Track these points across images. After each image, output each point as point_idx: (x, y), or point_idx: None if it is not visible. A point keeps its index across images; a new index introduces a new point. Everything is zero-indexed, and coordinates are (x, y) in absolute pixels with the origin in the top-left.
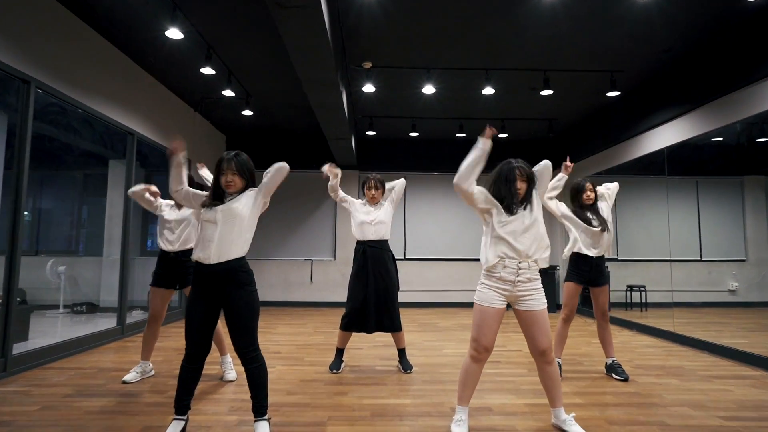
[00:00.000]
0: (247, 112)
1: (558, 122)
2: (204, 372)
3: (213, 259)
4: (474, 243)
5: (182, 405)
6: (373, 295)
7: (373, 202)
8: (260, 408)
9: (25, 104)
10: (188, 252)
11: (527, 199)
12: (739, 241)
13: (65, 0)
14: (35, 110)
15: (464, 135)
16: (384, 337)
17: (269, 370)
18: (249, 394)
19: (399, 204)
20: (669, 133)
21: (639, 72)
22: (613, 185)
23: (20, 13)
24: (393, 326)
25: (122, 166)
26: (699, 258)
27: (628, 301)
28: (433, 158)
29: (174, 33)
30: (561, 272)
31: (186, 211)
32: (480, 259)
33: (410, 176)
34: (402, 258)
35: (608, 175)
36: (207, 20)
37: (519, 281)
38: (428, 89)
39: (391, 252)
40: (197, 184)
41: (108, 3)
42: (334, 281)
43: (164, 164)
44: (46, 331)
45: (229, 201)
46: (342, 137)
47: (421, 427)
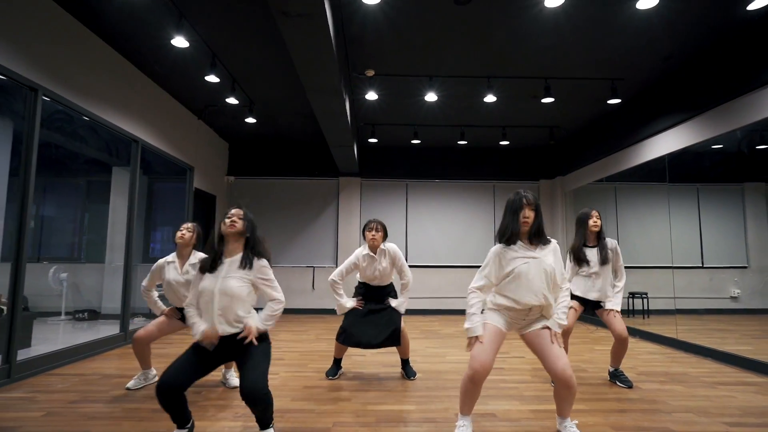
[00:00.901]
0: (251, 120)
1: (559, 129)
2: (209, 377)
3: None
4: (475, 250)
5: (180, 420)
6: (378, 316)
7: (374, 244)
8: (265, 420)
9: (32, 112)
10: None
11: (539, 235)
12: (741, 248)
13: (73, 9)
14: (26, 114)
15: (465, 143)
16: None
17: (272, 377)
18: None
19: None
20: (670, 141)
21: (640, 80)
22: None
23: (28, 21)
24: (393, 342)
25: (125, 173)
26: (701, 265)
27: (631, 308)
28: (435, 165)
29: (179, 41)
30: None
31: (188, 276)
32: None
33: (411, 183)
34: None
35: (609, 182)
36: (212, 29)
37: (528, 319)
38: (430, 97)
39: (395, 291)
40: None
41: (115, 12)
42: None
43: (168, 172)
44: (49, 338)
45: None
46: (344, 144)
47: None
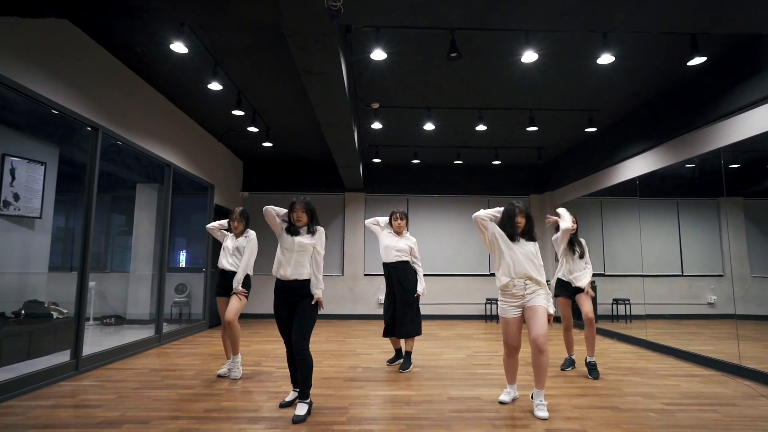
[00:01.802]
0: (267, 144)
1: (546, 149)
2: (242, 371)
3: (290, 277)
4: (471, 260)
5: (294, 380)
6: (400, 309)
7: (399, 230)
8: (302, 393)
9: (94, 147)
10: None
11: (528, 233)
12: (717, 258)
13: (127, 59)
14: (82, 142)
15: (461, 162)
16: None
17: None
18: (283, 388)
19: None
20: (639, 165)
21: (612, 111)
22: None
23: (90, 71)
24: (407, 334)
25: (149, 189)
26: (680, 273)
27: (614, 314)
28: (434, 182)
29: (214, 86)
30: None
31: (239, 242)
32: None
33: (412, 198)
34: None
35: (594, 197)
36: (240, 72)
37: (527, 294)
38: (428, 126)
39: (412, 269)
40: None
41: (162, 63)
42: (342, 295)
43: (191, 189)
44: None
45: (300, 237)
46: (351, 165)
47: (423, 409)
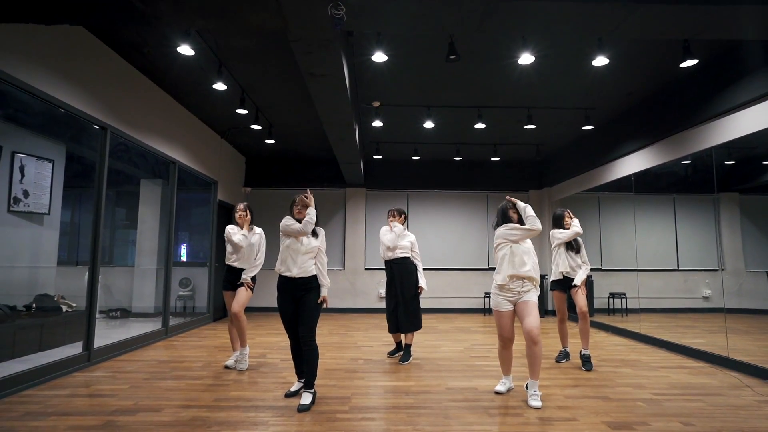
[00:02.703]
0: (270, 141)
1: (544, 146)
2: (250, 362)
3: (296, 275)
4: (470, 254)
5: (299, 371)
6: (402, 304)
7: (393, 222)
8: (307, 383)
9: (103, 146)
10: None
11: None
12: (712, 252)
13: (133, 60)
14: (88, 140)
15: (461, 158)
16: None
17: None
18: (288, 379)
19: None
20: (635, 162)
21: (609, 110)
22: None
23: (98, 71)
24: (408, 328)
25: (153, 185)
26: (676, 267)
27: (611, 307)
28: (433, 178)
29: (219, 86)
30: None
31: (252, 240)
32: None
33: (412, 194)
34: None
35: (592, 192)
36: (244, 73)
37: (522, 291)
38: (428, 124)
39: (413, 264)
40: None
41: (168, 64)
42: (344, 289)
43: (194, 185)
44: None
45: (308, 239)
46: (352, 161)
47: (422, 399)
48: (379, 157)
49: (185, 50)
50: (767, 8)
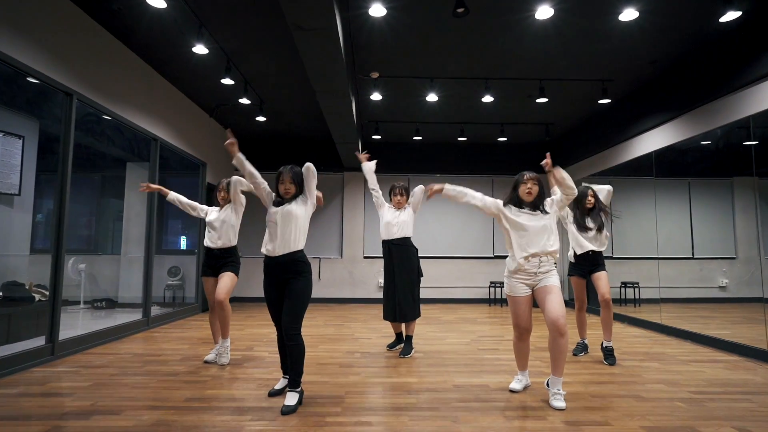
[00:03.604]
0: (261, 118)
1: (554, 126)
2: (232, 356)
3: (278, 252)
4: (475, 242)
5: (284, 367)
6: (400, 290)
7: (399, 207)
8: (292, 382)
9: (68, 114)
10: (229, 248)
11: (538, 203)
12: (729, 240)
13: (105, 21)
14: (63, 117)
15: (465, 139)
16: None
17: None
18: (273, 375)
19: (419, 207)
20: (656, 138)
21: (628, 81)
22: (605, 188)
23: (64, 33)
24: (406, 318)
25: (139, 169)
26: (691, 256)
27: (623, 297)
28: (436, 161)
29: (199, 49)
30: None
31: (226, 213)
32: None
33: (413, 178)
34: None
35: (602, 176)
36: (228, 36)
37: (540, 272)
38: (431, 97)
39: (415, 247)
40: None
41: (143, 23)
42: (342, 278)
43: (181, 167)
44: (72, 324)
45: (286, 204)
46: (349, 141)
47: (426, 399)
48: (379, 138)
49: (155, 1)
50: None
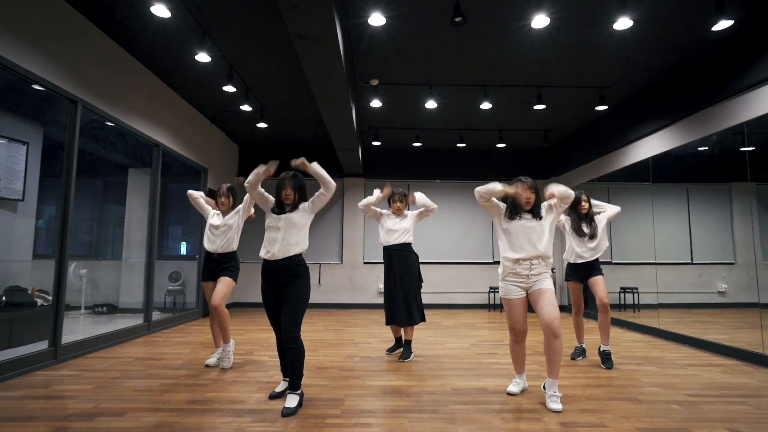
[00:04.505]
0: (262, 125)
1: (553, 132)
2: (235, 359)
3: (278, 256)
4: (474, 247)
5: (284, 369)
6: (400, 294)
7: (398, 213)
8: (292, 384)
9: (73, 121)
10: (229, 253)
11: (535, 210)
12: (728, 245)
13: (109, 30)
14: (65, 121)
15: (464, 145)
16: (391, 333)
17: None
18: (276, 378)
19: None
20: (653, 144)
21: (625, 88)
22: (615, 209)
23: (69, 41)
24: (411, 322)
25: (141, 175)
26: (690, 261)
27: (622, 302)
28: (435, 167)
29: (202, 57)
30: (557, 274)
31: (230, 219)
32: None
33: (413, 184)
34: None
35: (602, 182)
36: (230, 44)
37: (532, 275)
38: (430, 104)
39: (415, 253)
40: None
41: (147, 32)
42: (342, 284)
43: (182, 173)
44: (73, 329)
45: (289, 212)
46: (350, 148)
47: (425, 402)
48: (378, 144)
49: (160, 11)
50: None
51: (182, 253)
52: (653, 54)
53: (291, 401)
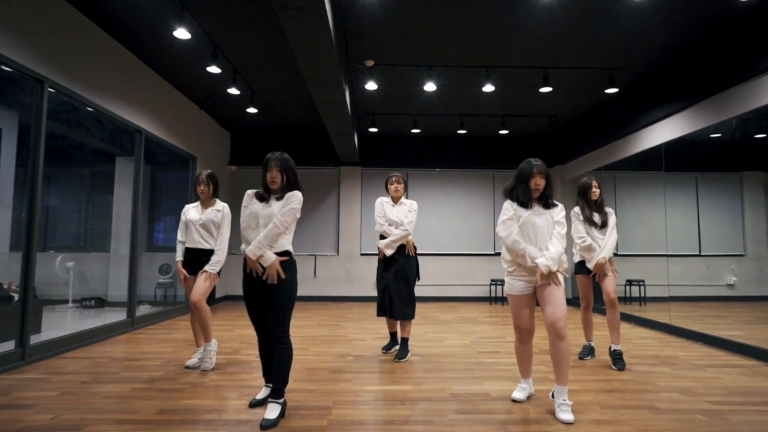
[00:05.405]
0: (252, 110)
1: (558, 118)
2: (216, 360)
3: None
4: (475, 238)
5: (266, 374)
6: (393, 286)
7: (397, 195)
8: (275, 391)
9: (39, 103)
10: (211, 248)
11: (546, 198)
12: (738, 237)
13: (77, 2)
14: (34, 106)
15: (465, 131)
16: (387, 329)
17: None
18: (258, 382)
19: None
20: (667, 129)
21: (637, 69)
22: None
23: (34, 16)
24: (404, 315)
25: (129, 163)
26: (698, 253)
27: (628, 295)
28: (435, 154)
29: (182, 33)
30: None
31: (208, 215)
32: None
33: (412, 172)
34: None
35: (608, 171)
36: (213, 20)
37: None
38: (429, 87)
39: (414, 246)
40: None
41: (119, 5)
42: (338, 276)
43: (170, 161)
44: (58, 325)
45: (275, 200)
46: (345, 134)
47: (421, 411)
48: (375, 131)
49: None
50: None
51: (156, 243)
52: (671, 29)
53: (271, 412)
